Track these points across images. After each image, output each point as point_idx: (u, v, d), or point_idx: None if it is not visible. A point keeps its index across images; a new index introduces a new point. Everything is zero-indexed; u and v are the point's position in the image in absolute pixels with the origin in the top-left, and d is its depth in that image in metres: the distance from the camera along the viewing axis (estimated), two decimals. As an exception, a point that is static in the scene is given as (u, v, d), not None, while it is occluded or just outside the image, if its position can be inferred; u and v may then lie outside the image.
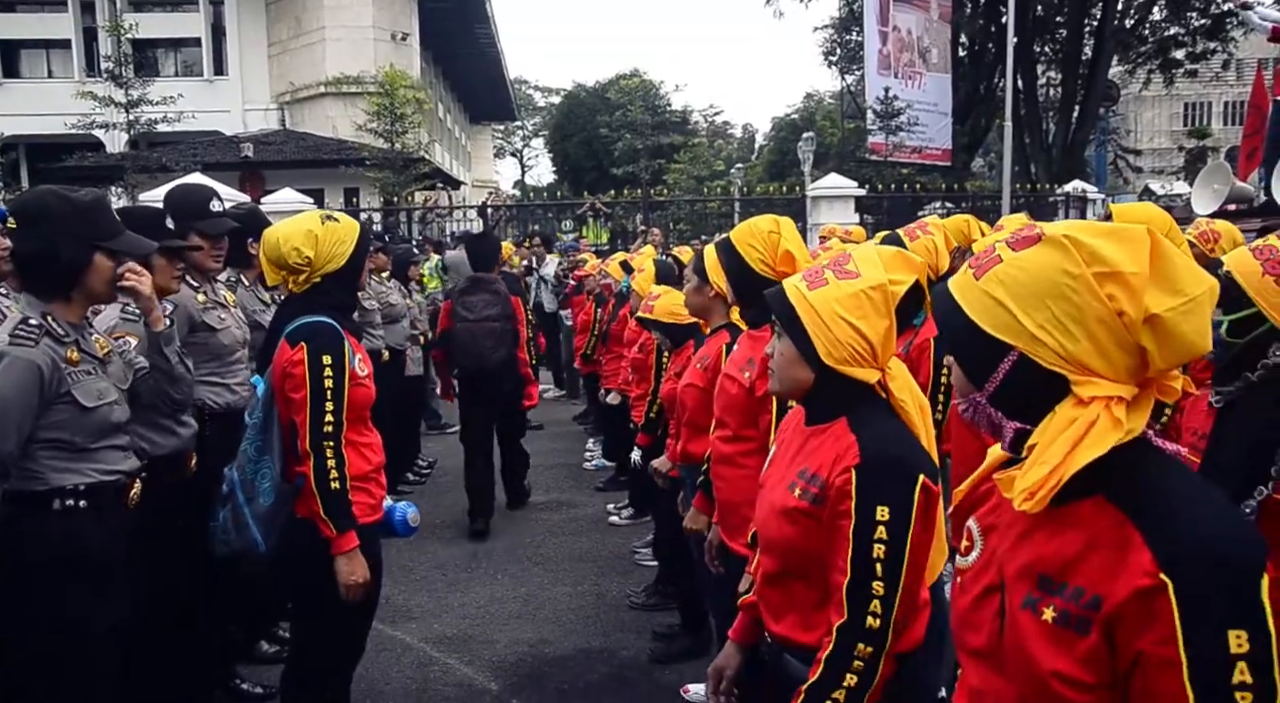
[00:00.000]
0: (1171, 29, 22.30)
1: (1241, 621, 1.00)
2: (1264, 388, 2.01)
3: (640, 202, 15.74)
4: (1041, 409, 1.13)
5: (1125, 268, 1.09)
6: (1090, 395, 1.10)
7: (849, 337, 1.73)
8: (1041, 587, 1.14)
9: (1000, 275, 1.15)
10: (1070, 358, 1.11)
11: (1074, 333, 1.11)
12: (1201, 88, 33.89)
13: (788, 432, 1.94)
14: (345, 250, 2.70)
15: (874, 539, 1.60)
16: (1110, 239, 1.11)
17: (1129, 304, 1.09)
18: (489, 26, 32.77)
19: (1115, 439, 1.08)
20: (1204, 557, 1.03)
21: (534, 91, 54.55)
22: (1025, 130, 21.35)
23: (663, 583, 4.85)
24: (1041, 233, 1.16)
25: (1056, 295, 1.11)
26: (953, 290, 1.21)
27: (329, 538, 2.59)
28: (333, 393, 2.58)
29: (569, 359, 11.13)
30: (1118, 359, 1.11)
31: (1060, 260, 1.12)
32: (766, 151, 41.62)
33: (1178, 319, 1.08)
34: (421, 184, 18.67)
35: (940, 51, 19.48)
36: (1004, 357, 1.15)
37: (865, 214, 14.18)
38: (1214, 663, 1.00)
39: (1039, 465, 1.10)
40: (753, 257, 2.67)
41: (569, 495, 7.11)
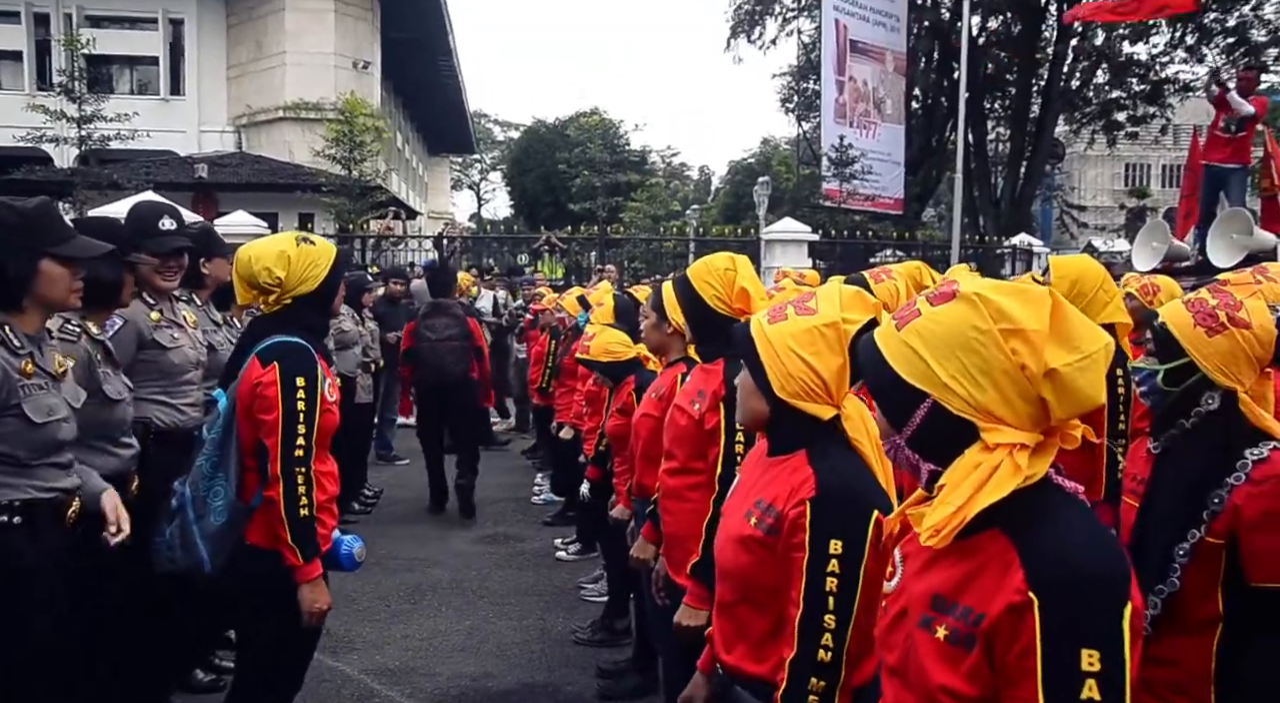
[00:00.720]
0: (1114, 92, 23.13)
1: (1096, 641, 1.09)
2: (1197, 435, 2.09)
3: (597, 238, 15.83)
4: (953, 452, 1.21)
5: (1028, 325, 1.18)
6: (995, 442, 1.19)
7: (800, 371, 1.78)
8: (935, 607, 1.22)
9: (918, 328, 1.25)
10: (978, 406, 1.20)
11: (981, 383, 1.20)
12: (1142, 150, 35.17)
13: (751, 462, 1.98)
14: (319, 273, 2.68)
15: (826, 572, 1.63)
16: (1015, 298, 1.21)
17: (1030, 359, 1.18)
18: (451, 59, 32.87)
19: (1015, 484, 1.16)
20: (1068, 578, 1.11)
21: (493, 125, 54.74)
22: (975, 183, 21.93)
23: (610, 619, 4.83)
24: (956, 290, 1.25)
25: (966, 348, 1.20)
26: (876, 339, 1.30)
27: (294, 566, 2.53)
28: (305, 416, 2.54)
29: (521, 392, 11.10)
30: (1021, 409, 1.20)
31: (971, 316, 1.21)
32: (722, 194, 42.18)
33: (1074, 374, 1.18)
34: (377, 212, 18.57)
35: (895, 103, 19.96)
36: (920, 403, 1.24)
37: (819, 259, 14.41)
38: (1065, 678, 1.09)
39: (944, 505, 1.18)
40: (709, 293, 2.71)
41: (516, 529, 7.06)
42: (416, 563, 6.12)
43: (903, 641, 1.29)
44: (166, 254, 3.50)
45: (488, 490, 8.28)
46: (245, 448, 2.61)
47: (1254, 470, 1.98)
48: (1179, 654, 2.03)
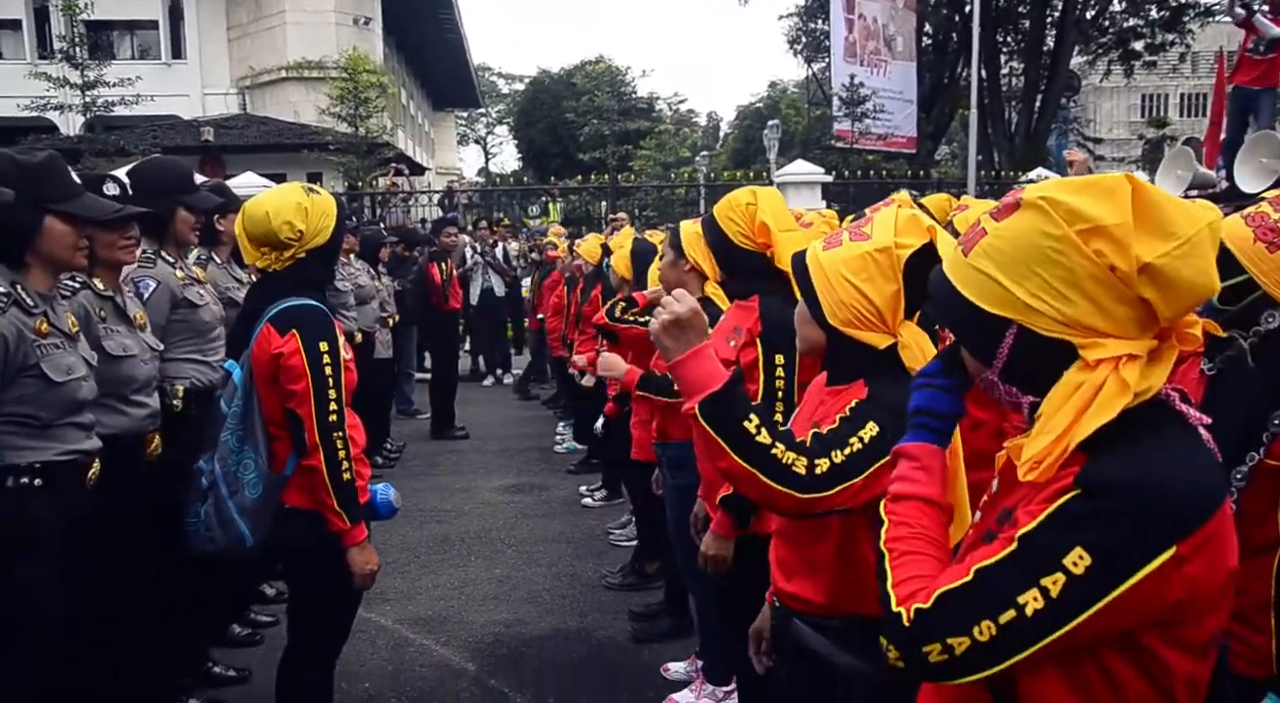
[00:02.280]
0: (1131, 21, 22.62)
1: (1098, 550, 0.99)
2: (1256, 355, 2.02)
3: (608, 187, 15.68)
4: (1053, 379, 1.10)
5: (1108, 220, 1.05)
6: (1097, 358, 1.07)
7: (852, 298, 1.71)
8: (1000, 520, 1.15)
9: (986, 248, 1.12)
10: (1070, 322, 1.08)
11: (1068, 296, 1.07)
12: (1159, 80, 34.49)
13: (812, 392, 1.94)
14: (330, 224, 2.59)
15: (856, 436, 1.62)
16: (1087, 193, 1.07)
17: (1118, 257, 1.05)
18: (452, 12, 32.38)
19: (1122, 404, 1.04)
20: (1117, 485, 1.01)
21: (498, 78, 54.12)
22: (989, 119, 21.55)
23: (639, 562, 4.83)
24: (1020, 198, 1.12)
25: (1043, 260, 1.08)
26: (946, 271, 1.18)
27: (341, 530, 2.49)
28: (334, 380, 2.48)
29: (539, 342, 11.09)
30: (1121, 315, 1.07)
31: (1040, 224, 1.08)
32: (731, 140, 41.71)
33: (1176, 264, 1.04)
34: (385, 169, 18.45)
35: (905, 40, 19.57)
36: (1005, 331, 1.12)
37: (832, 200, 14.22)
38: (1043, 552, 1.01)
39: (1043, 434, 1.07)
40: (733, 230, 2.65)
41: (540, 478, 7.07)
42: (443, 514, 6.14)
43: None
44: (208, 211, 3.46)
45: (510, 440, 8.32)
46: (270, 417, 2.55)
47: (1316, 390, 1.91)
48: (1240, 581, 1.97)
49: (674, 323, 1.56)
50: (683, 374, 1.56)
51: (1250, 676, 1.95)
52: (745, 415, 1.54)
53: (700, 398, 1.53)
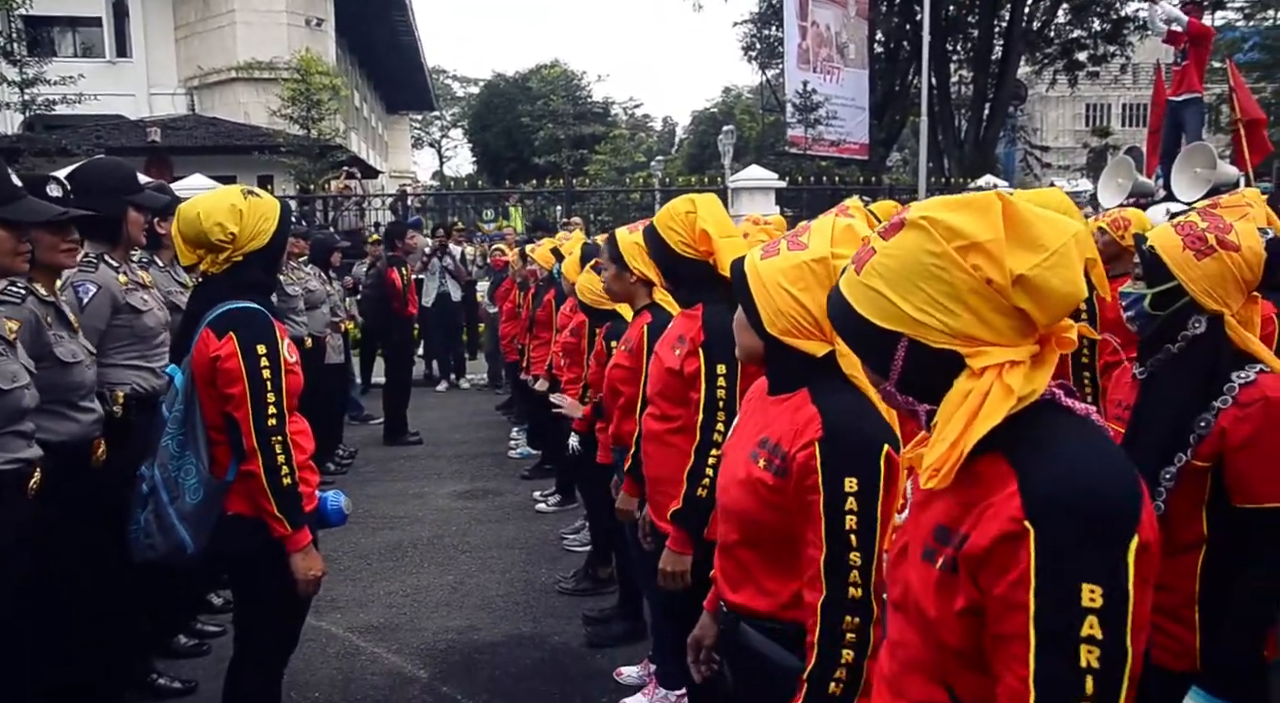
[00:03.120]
0: (1074, 32, 23.13)
1: (1099, 576, 1.01)
2: (1184, 359, 2.09)
3: (563, 191, 15.67)
4: (944, 387, 1.15)
5: (982, 237, 1.11)
6: (982, 366, 1.11)
7: (790, 307, 1.73)
8: (938, 538, 1.17)
9: (876, 266, 1.17)
10: (955, 333, 1.13)
11: (952, 309, 1.12)
12: (1102, 89, 35.25)
13: (752, 400, 1.93)
14: (269, 228, 2.55)
15: (845, 511, 1.59)
16: (963, 211, 1.13)
17: (994, 271, 1.10)
18: (406, 14, 32.16)
19: (1009, 407, 1.09)
20: (1069, 508, 1.03)
21: (452, 81, 53.80)
22: (939, 126, 21.89)
23: (593, 567, 4.85)
24: (905, 218, 1.17)
25: (927, 276, 1.13)
26: (843, 289, 1.23)
27: (284, 536, 2.46)
28: (272, 384, 2.44)
29: (493, 347, 11.05)
30: (1001, 325, 1.12)
31: (923, 242, 1.13)
32: (686, 145, 41.81)
33: (1045, 274, 1.10)
34: (338, 172, 18.26)
35: (858, 48, 19.81)
36: (897, 344, 1.17)
37: (785, 206, 14.34)
38: (1062, 612, 1.01)
39: (940, 443, 1.11)
40: (674, 239, 2.68)
41: (494, 483, 7.04)
42: (396, 521, 6.10)
43: (904, 575, 1.25)
44: (156, 210, 3.41)
45: (464, 446, 8.28)
46: (211, 422, 2.52)
47: (1240, 394, 1.98)
48: (1165, 578, 2.04)
49: None
50: None
51: (1173, 669, 2.02)
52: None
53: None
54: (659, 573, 2.60)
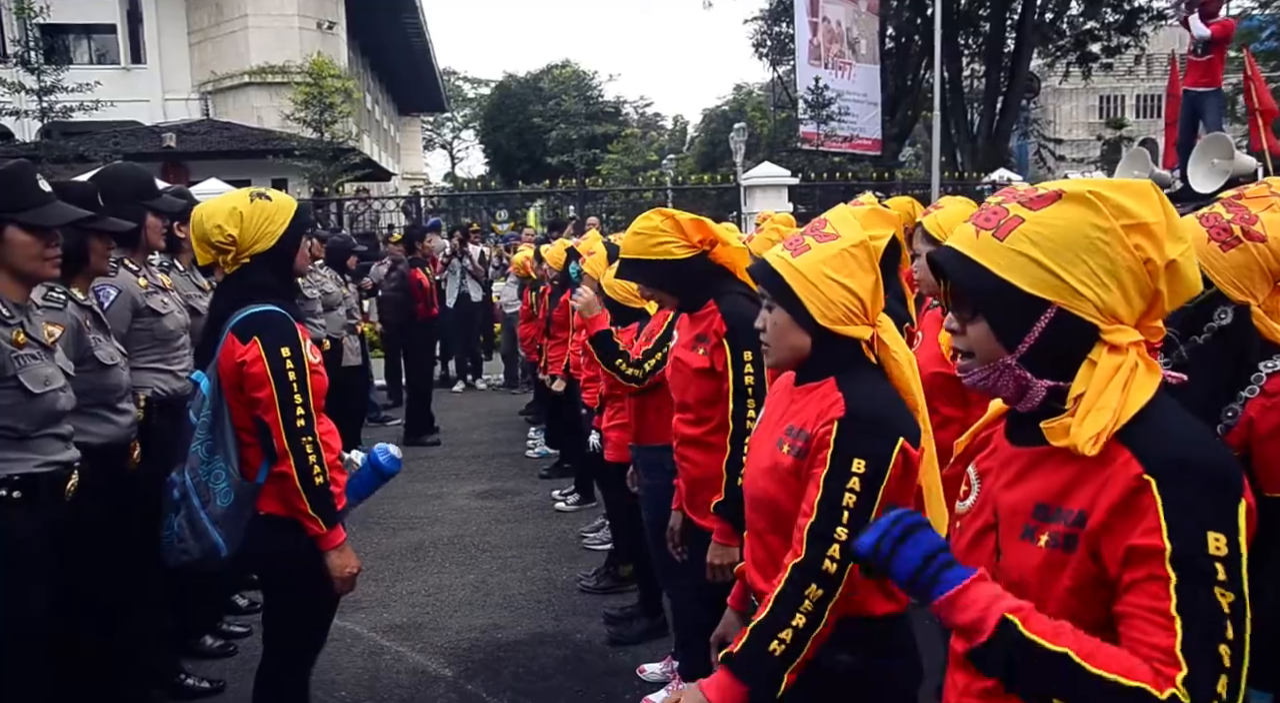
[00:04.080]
0: (1087, 24, 22.98)
1: (1221, 526, 1.05)
2: (1210, 350, 2.09)
3: (576, 191, 15.70)
4: (1072, 362, 1.18)
5: (1149, 218, 1.16)
6: (1126, 341, 1.16)
7: (841, 296, 1.75)
8: (1038, 516, 1.18)
9: (1030, 234, 1.18)
10: (1104, 308, 1.17)
11: (1108, 284, 1.16)
12: (1116, 81, 34.99)
13: (777, 393, 1.95)
14: (275, 230, 2.55)
15: (846, 488, 1.61)
16: (1128, 193, 1.17)
17: (1155, 252, 1.16)
18: (417, 16, 32.23)
19: (1156, 381, 1.15)
20: (1187, 463, 1.08)
21: (463, 82, 53.88)
22: (951, 121, 21.79)
23: (614, 565, 4.86)
24: (1061, 191, 1.20)
25: (1091, 249, 1.16)
26: (972, 254, 1.22)
27: (318, 535, 2.48)
28: (298, 385, 2.46)
29: (509, 347, 11.09)
30: (1137, 306, 1.18)
31: (1090, 216, 1.17)
32: (698, 143, 41.79)
33: (1186, 263, 1.17)
34: (352, 174, 18.32)
35: (869, 43, 19.76)
36: (1040, 314, 1.18)
37: (798, 203, 14.33)
38: (1197, 556, 1.04)
39: (1099, 411, 1.13)
40: (667, 248, 2.70)
41: (513, 483, 7.07)
42: (416, 521, 6.13)
43: (985, 559, 1.26)
44: (174, 215, 3.45)
45: (482, 446, 8.31)
46: (240, 425, 2.54)
47: (1268, 383, 1.98)
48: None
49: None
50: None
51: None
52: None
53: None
54: (708, 566, 2.60)
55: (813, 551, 1.62)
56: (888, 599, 1.76)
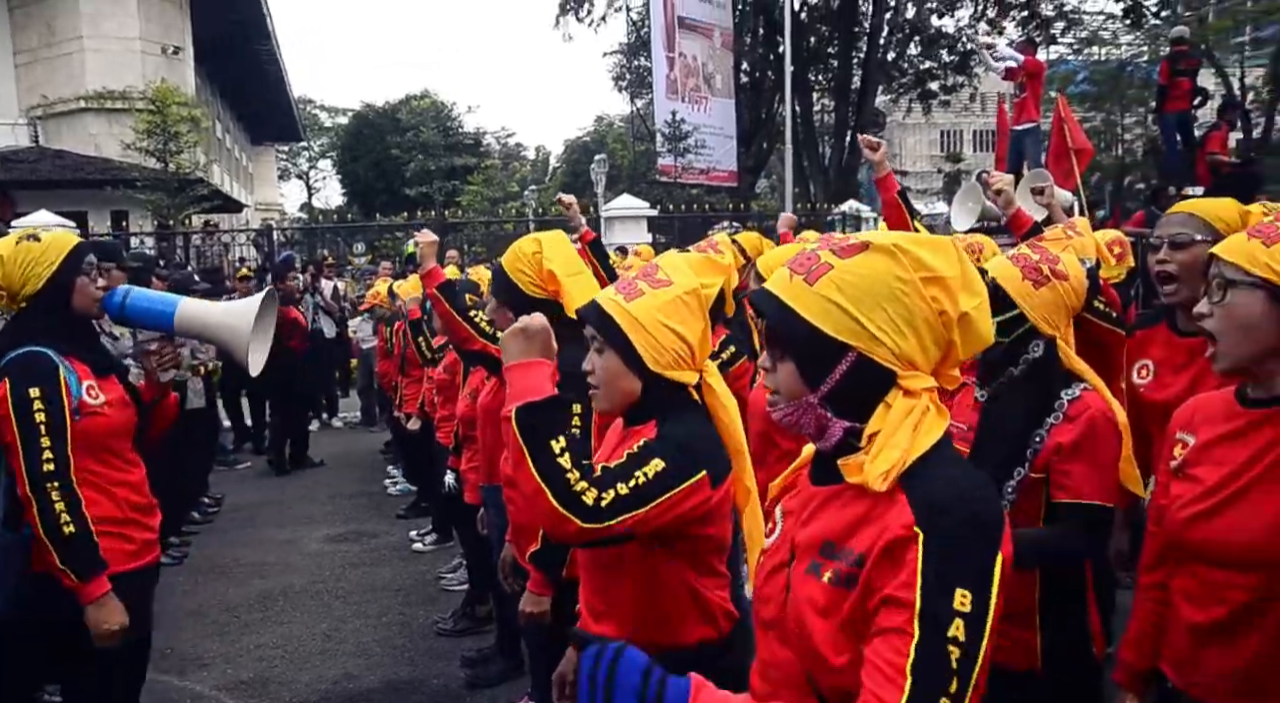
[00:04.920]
0: (926, 63, 24.30)
1: (972, 582, 1.11)
2: (1025, 381, 2.25)
3: (435, 223, 15.50)
4: (869, 406, 1.24)
5: (946, 272, 1.24)
6: (916, 387, 1.23)
7: (672, 342, 1.80)
8: (824, 552, 1.24)
9: (837, 281, 1.24)
10: (901, 355, 1.23)
11: (905, 332, 1.23)
12: (954, 117, 37.05)
13: (610, 437, 1.99)
14: (42, 272, 2.48)
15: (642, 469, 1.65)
16: (928, 247, 1.25)
17: (949, 305, 1.24)
18: (270, 43, 31.30)
19: (944, 425, 1.23)
20: (953, 517, 1.15)
21: (320, 111, 52.58)
22: (804, 153, 22.62)
23: (471, 606, 4.78)
24: (868, 242, 1.27)
25: (891, 298, 1.23)
26: (784, 297, 1.27)
27: (73, 588, 2.35)
28: (48, 428, 2.35)
29: (366, 384, 10.82)
30: (933, 354, 1.26)
31: (891, 266, 1.23)
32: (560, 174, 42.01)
33: (979, 316, 1.26)
34: (199, 206, 17.55)
35: (724, 78, 20.31)
36: (842, 357, 1.24)
37: (658, 233, 14.56)
38: (939, 612, 1.10)
39: (890, 450, 1.20)
40: (523, 280, 2.71)
41: (370, 525, 6.88)
42: (265, 569, 5.89)
43: (778, 593, 1.31)
44: None
45: (338, 486, 8.07)
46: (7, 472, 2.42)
47: (1069, 409, 2.16)
48: (1010, 586, 2.17)
49: (522, 331, 1.65)
50: (513, 379, 1.63)
51: (1016, 669, 2.14)
52: (555, 435, 1.59)
53: (520, 403, 1.58)
54: (519, 613, 2.60)
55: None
56: (703, 624, 1.79)
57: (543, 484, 1.57)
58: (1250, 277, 1.65)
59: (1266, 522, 1.62)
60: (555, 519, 1.58)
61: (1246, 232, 1.74)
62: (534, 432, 1.58)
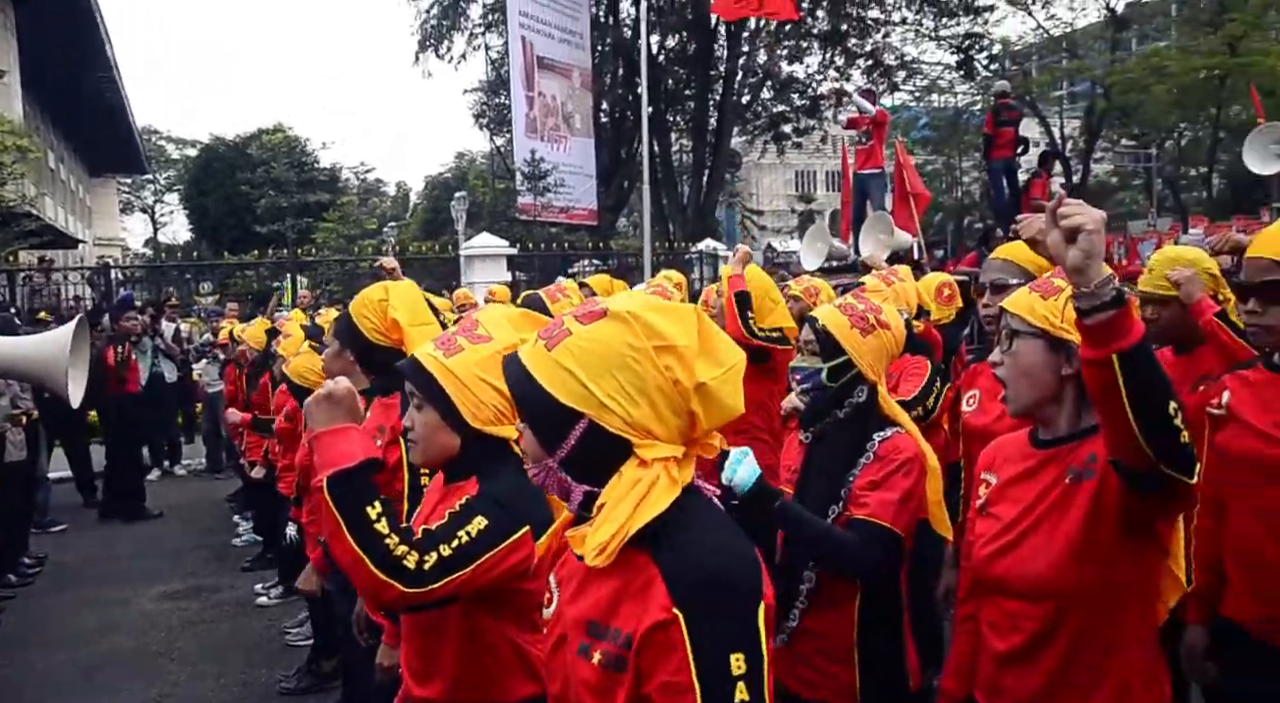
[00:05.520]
0: (779, 107, 25.23)
1: (742, 643, 1.14)
2: (848, 424, 2.35)
3: (287, 262, 15.03)
4: (608, 472, 1.22)
5: (679, 341, 1.22)
6: (651, 457, 1.21)
7: (491, 398, 1.80)
8: (590, 633, 1.24)
9: (571, 347, 1.24)
10: (634, 423, 1.22)
11: (637, 400, 1.21)
12: (808, 158, 38.62)
13: (431, 494, 1.97)
14: None
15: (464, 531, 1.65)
16: (665, 315, 1.24)
17: (683, 374, 1.22)
18: (110, 71, 29.80)
19: (672, 496, 1.19)
20: (707, 587, 1.16)
21: (167, 143, 50.31)
22: (663, 192, 23.07)
23: (316, 662, 4.60)
24: (607, 308, 1.26)
25: (622, 366, 1.21)
26: (525, 361, 1.27)
27: None
28: None
29: (213, 431, 10.33)
30: (672, 423, 1.23)
31: (624, 334, 1.22)
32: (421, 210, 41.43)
33: (720, 386, 1.23)
34: (28, 242, 16.47)
35: (584, 117, 20.53)
36: (575, 424, 1.23)
37: (518, 272, 14.54)
38: (721, 684, 1.12)
39: (608, 523, 1.18)
40: (368, 327, 2.69)
41: (212, 579, 6.54)
42: (91, 634, 5.51)
43: (561, 668, 1.31)
44: None
45: (178, 539, 7.65)
46: None
47: (879, 448, 2.26)
48: (828, 627, 2.27)
49: (327, 397, 1.60)
50: (321, 447, 1.59)
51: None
52: (369, 501, 1.57)
53: (330, 472, 1.54)
54: (377, 668, 2.54)
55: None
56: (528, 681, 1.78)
57: (361, 553, 1.54)
58: (1031, 327, 1.78)
59: (1051, 557, 1.73)
60: (376, 587, 1.56)
61: (1028, 287, 1.88)
62: (347, 500, 1.55)
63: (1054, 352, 1.77)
